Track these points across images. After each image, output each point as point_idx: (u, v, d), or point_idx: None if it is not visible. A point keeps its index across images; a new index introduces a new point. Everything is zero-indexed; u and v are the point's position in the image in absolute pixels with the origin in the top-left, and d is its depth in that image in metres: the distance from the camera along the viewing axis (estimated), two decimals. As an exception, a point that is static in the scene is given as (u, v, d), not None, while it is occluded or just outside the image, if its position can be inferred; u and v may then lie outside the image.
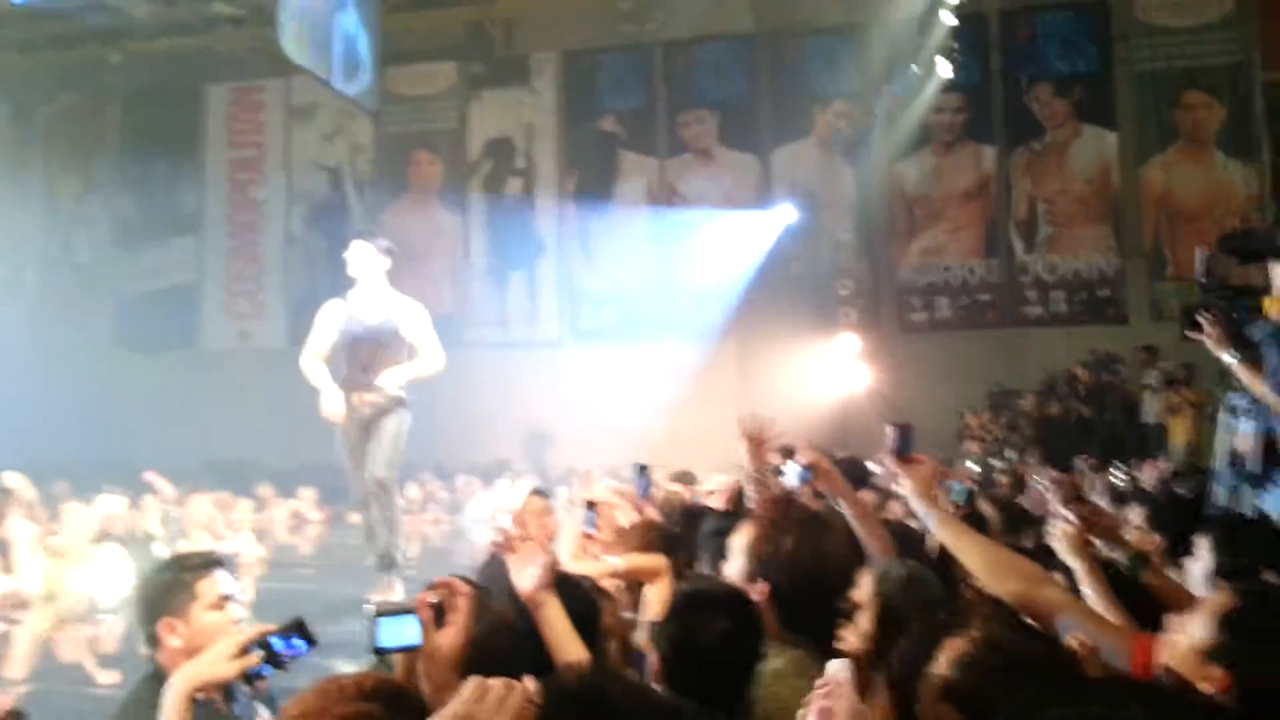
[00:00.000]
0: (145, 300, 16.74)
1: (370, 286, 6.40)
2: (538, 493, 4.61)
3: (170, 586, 2.41)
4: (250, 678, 2.08)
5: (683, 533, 3.73)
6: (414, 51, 15.52)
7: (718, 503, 4.40)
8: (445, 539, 9.51)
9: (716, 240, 14.70)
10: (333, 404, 5.80)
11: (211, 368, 16.02)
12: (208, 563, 2.48)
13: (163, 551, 6.12)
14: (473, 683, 1.23)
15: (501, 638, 1.96)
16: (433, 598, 1.71)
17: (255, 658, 2.01)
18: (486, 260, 16.02)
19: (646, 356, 14.46)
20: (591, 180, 15.52)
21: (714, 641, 2.10)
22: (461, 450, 13.27)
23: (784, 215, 14.62)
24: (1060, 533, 2.65)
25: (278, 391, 15.49)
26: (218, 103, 16.87)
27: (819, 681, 1.49)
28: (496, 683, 1.23)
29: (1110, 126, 14.16)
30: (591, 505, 3.53)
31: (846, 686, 1.44)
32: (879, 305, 14.77)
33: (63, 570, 5.63)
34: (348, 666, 3.42)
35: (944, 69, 12.97)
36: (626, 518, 3.61)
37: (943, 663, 1.64)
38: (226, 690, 2.26)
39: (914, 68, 13.42)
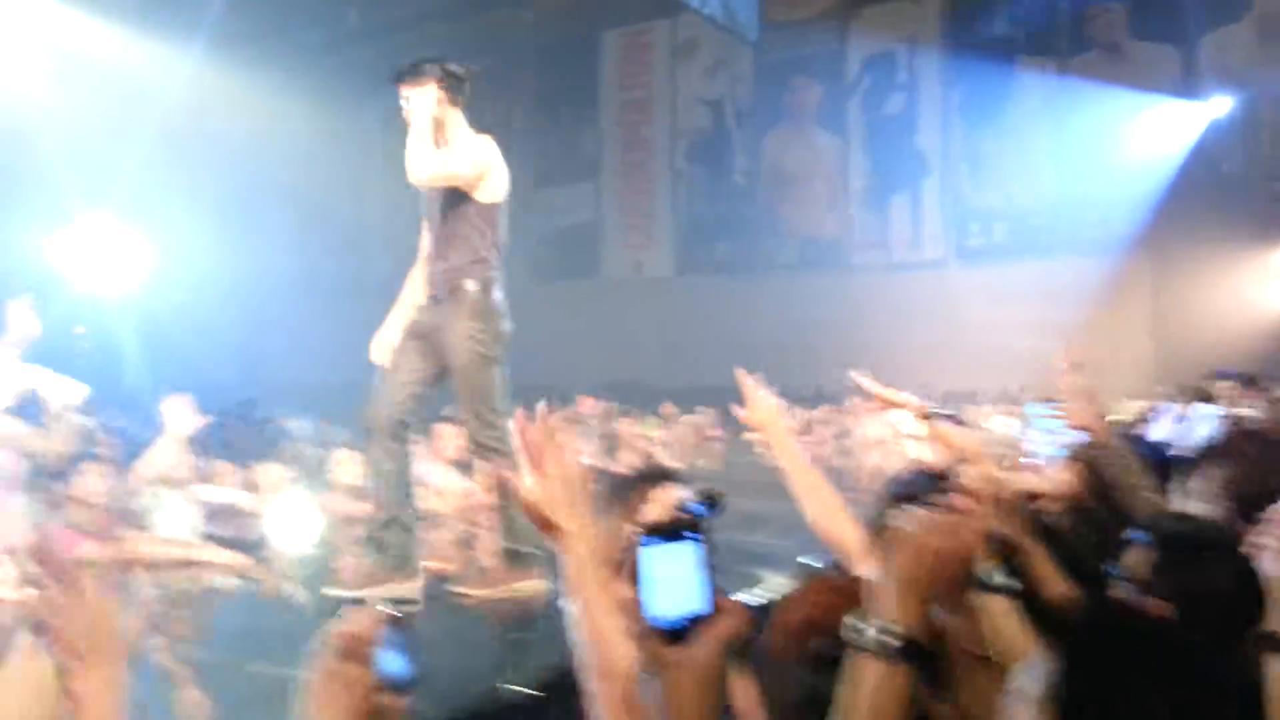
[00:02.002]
0: (555, 236, 18.54)
1: None
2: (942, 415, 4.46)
3: (627, 495, 2.70)
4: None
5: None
6: (793, -24, 15.50)
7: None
8: (833, 460, 9.64)
9: (1126, 143, 13.26)
10: None
11: (610, 295, 17.42)
12: (663, 474, 2.64)
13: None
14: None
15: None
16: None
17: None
18: (867, 182, 15.76)
19: (1042, 276, 13.53)
20: (980, 90, 14.60)
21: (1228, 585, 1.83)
22: (845, 375, 13.34)
23: (1213, 108, 12.83)
24: None
25: (668, 316, 16.73)
26: (612, 49, 18.00)
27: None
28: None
29: None
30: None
31: None
32: (1333, 207, 12.58)
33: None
34: (770, 575, 3.68)
35: None
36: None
37: None
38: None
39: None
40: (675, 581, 1.03)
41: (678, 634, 1.05)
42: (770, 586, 3.54)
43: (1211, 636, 1.59)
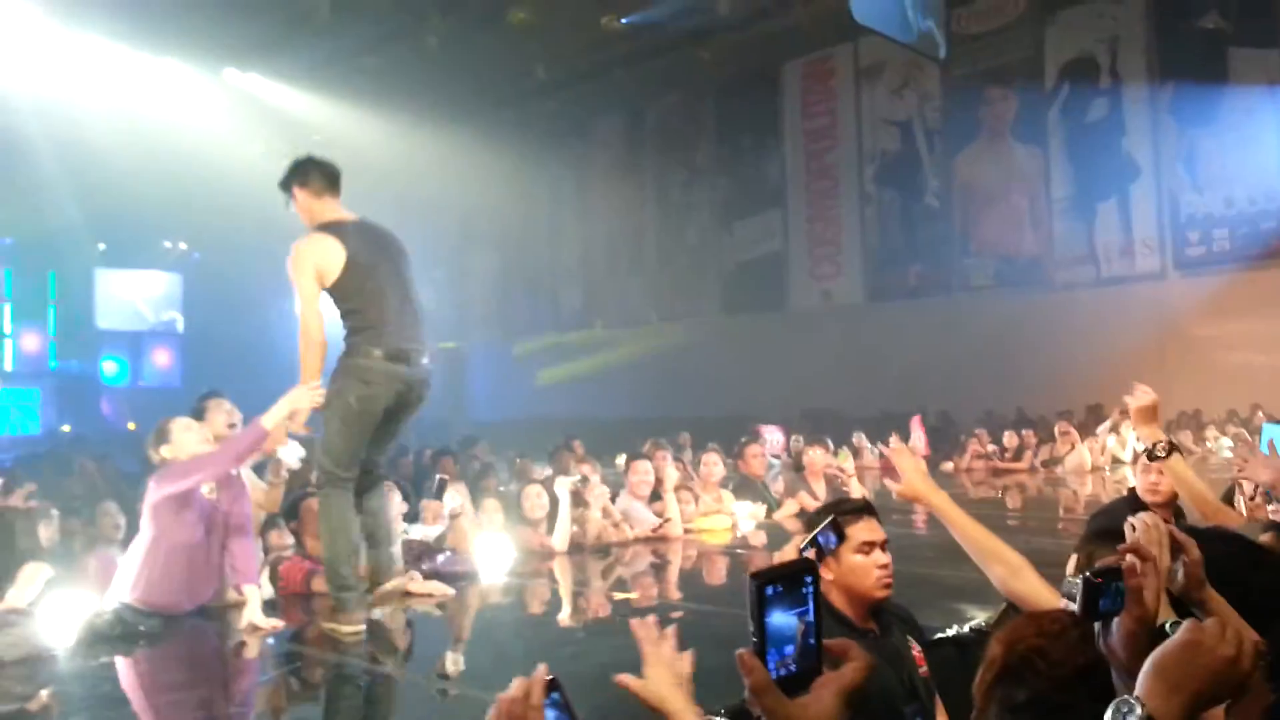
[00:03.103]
0: (742, 269, 18.63)
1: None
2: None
3: (825, 528, 2.69)
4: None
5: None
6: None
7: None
8: (1043, 489, 9.16)
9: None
10: None
11: (800, 326, 17.27)
12: (859, 509, 2.67)
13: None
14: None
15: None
16: None
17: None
18: (1070, 193, 14.95)
19: (1270, 285, 12.40)
20: (1193, 89, 13.58)
21: None
22: (1049, 398, 12.65)
23: None
24: None
25: (858, 345, 16.41)
26: (792, 78, 18.00)
27: None
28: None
29: None
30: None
31: None
32: None
33: (703, 508, 6.53)
34: (973, 609, 3.55)
35: None
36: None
37: None
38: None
39: None
40: (793, 629, 0.99)
41: (798, 684, 1.00)
42: (974, 621, 3.40)
43: None
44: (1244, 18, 13.28)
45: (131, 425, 17.09)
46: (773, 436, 9.35)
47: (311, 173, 4.03)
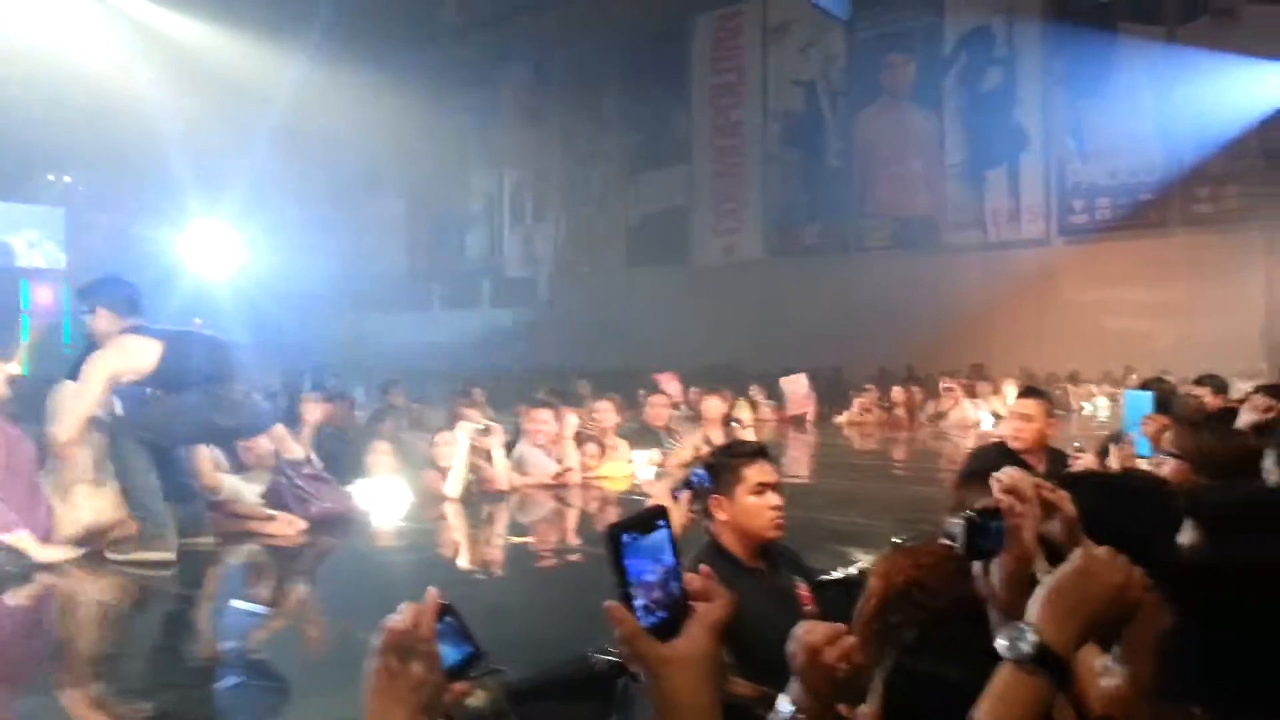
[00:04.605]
0: (646, 222, 18.68)
1: None
2: (1034, 393, 4.41)
3: (721, 469, 2.79)
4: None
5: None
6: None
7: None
8: (928, 442, 9.55)
9: (1238, 113, 12.66)
10: None
11: (701, 280, 17.46)
12: (754, 451, 2.77)
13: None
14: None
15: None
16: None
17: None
18: (963, 159, 15.43)
19: (1149, 252, 13.07)
20: (1083, 62, 14.12)
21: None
22: (937, 356, 13.16)
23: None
24: None
25: (757, 301, 16.69)
26: (704, 32, 18.00)
27: None
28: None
29: None
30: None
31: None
32: None
33: (605, 456, 6.59)
34: (861, 554, 3.72)
35: None
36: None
37: None
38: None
39: None
40: (655, 574, 0.98)
41: (668, 628, 0.98)
42: (860, 564, 3.57)
43: None
44: (1133, -7, 13.85)
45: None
46: (670, 386, 9.46)
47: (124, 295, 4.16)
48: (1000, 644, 1.15)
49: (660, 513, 1.00)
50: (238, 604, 3.58)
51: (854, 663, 1.27)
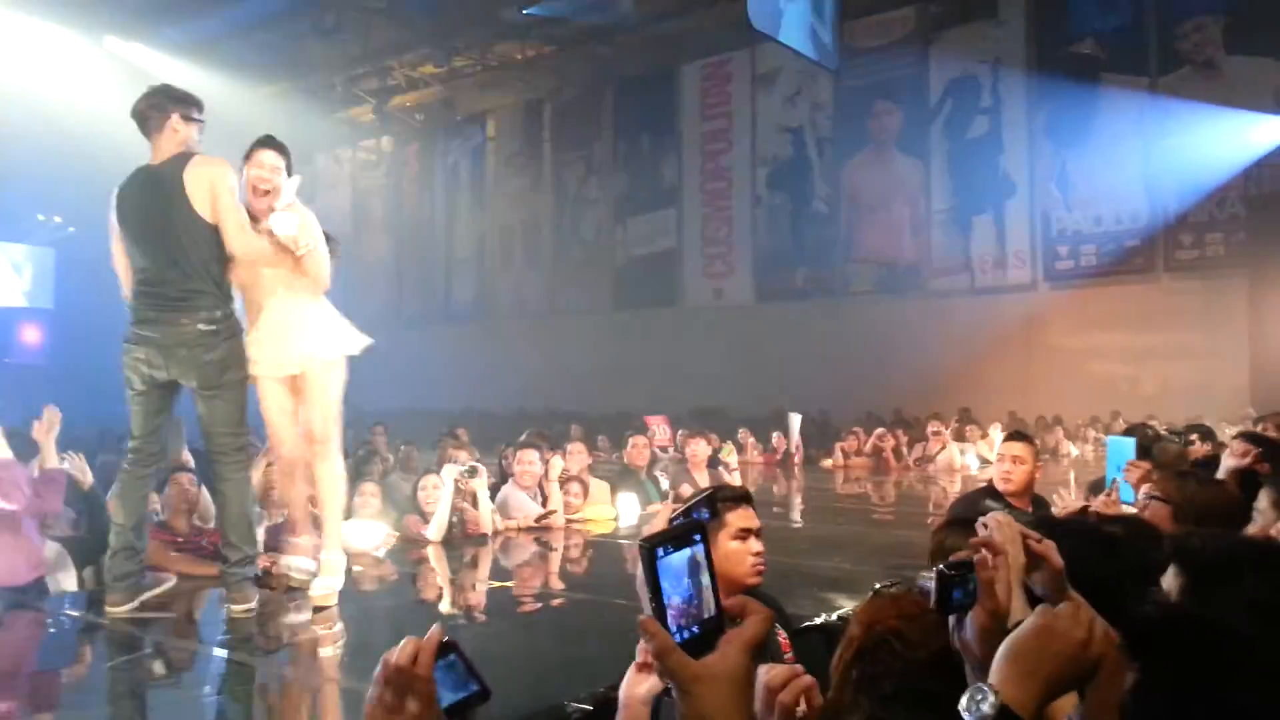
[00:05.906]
0: (635, 265, 18.76)
1: None
2: (1021, 436, 4.41)
3: (700, 503, 2.74)
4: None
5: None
6: (872, 3, 15.52)
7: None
8: (915, 486, 9.53)
9: (1221, 162, 12.86)
10: None
11: (690, 323, 17.51)
12: (738, 497, 2.72)
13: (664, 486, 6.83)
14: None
15: None
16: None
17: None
18: (949, 205, 15.59)
19: (1134, 299, 13.18)
20: (1067, 111, 14.35)
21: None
22: (924, 400, 13.18)
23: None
24: None
25: (745, 344, 16.73)
26: (692, 80, 18.23)
27: None
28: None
29: None
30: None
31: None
32: None
33: (590, 497, 6.55)
34: (845, 600, 3.69)
35: None
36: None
37: None
38: None
39: None
40: (690, 589, 0.97)
41: (702, 644, 0.97)
42: (842, 610, 3.54)
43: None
44: (1117, 46, 14.09)
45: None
46: (659, 428, 9.45)
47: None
48: (962, 705, 1.12)
49: (698, 528, 0.99)
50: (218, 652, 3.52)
51: (812, 705, 1.23)
